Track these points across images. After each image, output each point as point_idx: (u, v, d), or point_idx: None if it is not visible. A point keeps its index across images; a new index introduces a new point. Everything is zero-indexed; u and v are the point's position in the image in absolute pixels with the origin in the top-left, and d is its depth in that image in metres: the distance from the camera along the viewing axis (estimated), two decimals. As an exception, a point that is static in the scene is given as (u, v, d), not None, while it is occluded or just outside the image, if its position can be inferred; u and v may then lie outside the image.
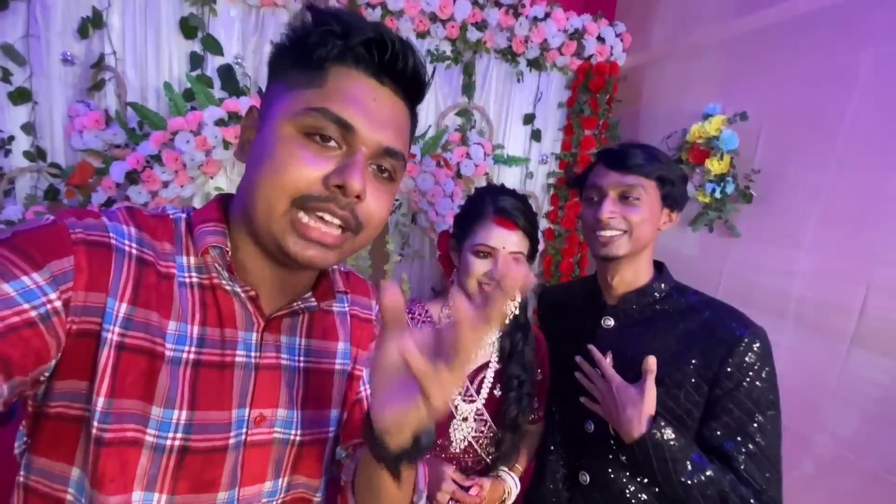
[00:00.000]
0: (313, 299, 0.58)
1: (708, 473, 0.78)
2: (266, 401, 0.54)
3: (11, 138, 1.45)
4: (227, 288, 0.53)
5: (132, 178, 1.51)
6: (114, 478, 0.45)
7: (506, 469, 1.00)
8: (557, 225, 2.00)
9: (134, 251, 0.48)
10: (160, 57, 1.58)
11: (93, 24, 1.47)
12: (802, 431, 1.26)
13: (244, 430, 0.53)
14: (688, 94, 1.69)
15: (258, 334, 0.54)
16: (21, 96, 1.44)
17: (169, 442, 0.48)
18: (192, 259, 0.52)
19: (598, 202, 0.91)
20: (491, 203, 0.96)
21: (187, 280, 0.51)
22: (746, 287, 1.43)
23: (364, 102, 0.49)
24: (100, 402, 0.45)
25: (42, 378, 0.44)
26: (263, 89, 0.56)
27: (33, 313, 0.41)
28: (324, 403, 0.60)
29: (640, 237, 0.90)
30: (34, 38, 1.43)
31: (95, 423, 0.45)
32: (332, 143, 0.48)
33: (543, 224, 2.03)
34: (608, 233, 0.89)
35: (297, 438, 0.57)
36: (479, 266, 0.94)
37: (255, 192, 0.48)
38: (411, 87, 0.53)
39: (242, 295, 0.53)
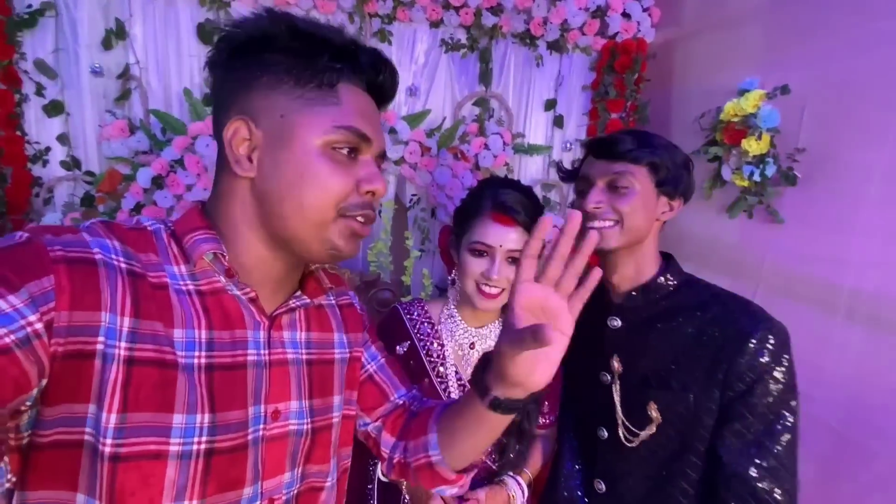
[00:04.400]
0: (305, 297, 0.62)
1: None
2: (279, 395, 0.57)
3: (48, 149, 1.54)
4: (228, 291, 0.54)
5: (158, 182, 1.57)
6: (135, 491, 0.45)
7: (510, 474, 0.95)
8: (584, 215, 1.91)
9: (123, 265, 0.48)
10: (181, 63, 1.62)
11: (116, 35, 1.53)
12: (857, 437, 1.14)
13: (262, 426, 0.55)
14: (724, 69, 1.55)
15: (265, 332, 0.56)
16: (55, 109, 1.52)
17: (195, 447, 0.48)
18: (184, 267, 0.53)
19: (587, 193, 0.85)
20: (490, 197, 0.90)
21: (184, 288, 0.52)
22: (792, 279, 1.30)
23: (370, 116, 0.56)
24: (112, 419, 0.44)
25: (23, 408, 0.42)
26: None
27: (10, 339, 0.39)
28: (328, 391, 0.64)
29: (632, 228, 0.82)
30: (64, 51, 1.51)
31: (109, 441, 0.44)
32: (352, 154, 0.55)
33: (569, 214, 1.94)
34: (597, 223, 0.83)
35: (309, 427, 0.60)
36: (476, 265, 0.89)
37: (303, 207, 0.53)
38: (387, 99, 0.62)
39: (243, 297, 0.55)
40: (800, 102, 1.27)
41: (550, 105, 1.86)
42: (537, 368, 0.52)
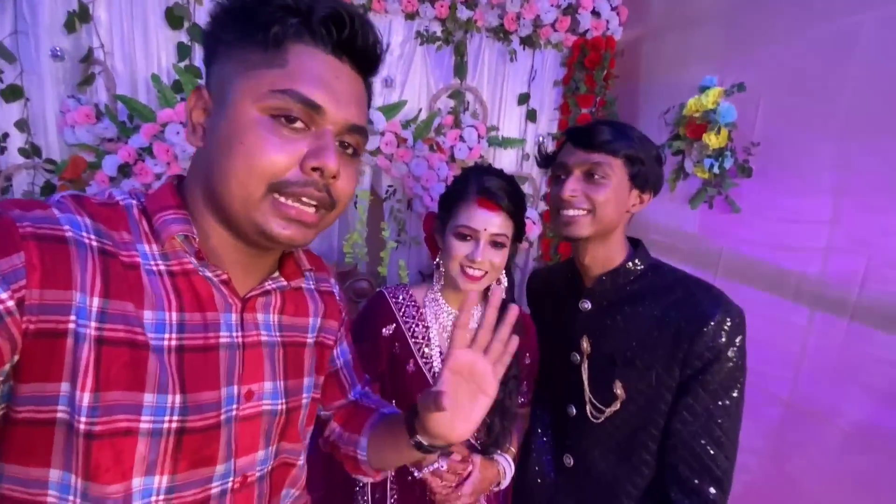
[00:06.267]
0: (282, 279, 0.61)
1: None
2: (253, 377, 0.57)
3: (6, 136, 1.47)
4: (200, 272, 0.53)
5: (125, 171, 1.52)
6: (109, 467, 0.45)
7: (500, 453, 0.99)
8: (556, 207, 1.97)
9: (94, 243, 0.46)
10: (148, 49, 1.58)
11: (79, 17, 1.47)
12: (805, 409, 1.24)
13: (235, 406, 0.55)
14: (687, 67, 1.64)
15: (238, 315, 0.56)
16: (13, 94, 1.46)
17: (166, 425, 0.48)
18: (156, 247, 0.51)
19: (564, 180, 0.88)
20: (475, 183, 0.93)
21: (155, 268, 0.51)
22: (747, 264, 1.39)
23: (328, 81, 0.49)
24: (85, 398, 0.44)
25: None
26: None
27: None
28: (300, 373, 0.64)
29: (603, 217, 0.86)
30: (23, 34, 1.44)
31: (83, 419, 0.44)
32: (299, 124, 0.49)
33: (542, 206, 2.00)
34: (571, 212, 0.86)
35: (283, 408, 0.60)
36: (461, 248, 0.93)
37: (229, 180, 0.48)
38: (368, 62, 0.54)
39: (215, 279, 0.54)
40: (755, 99, 1.36)
41: (524, 99, 1.91)
42: (457, 426, 0.58)
